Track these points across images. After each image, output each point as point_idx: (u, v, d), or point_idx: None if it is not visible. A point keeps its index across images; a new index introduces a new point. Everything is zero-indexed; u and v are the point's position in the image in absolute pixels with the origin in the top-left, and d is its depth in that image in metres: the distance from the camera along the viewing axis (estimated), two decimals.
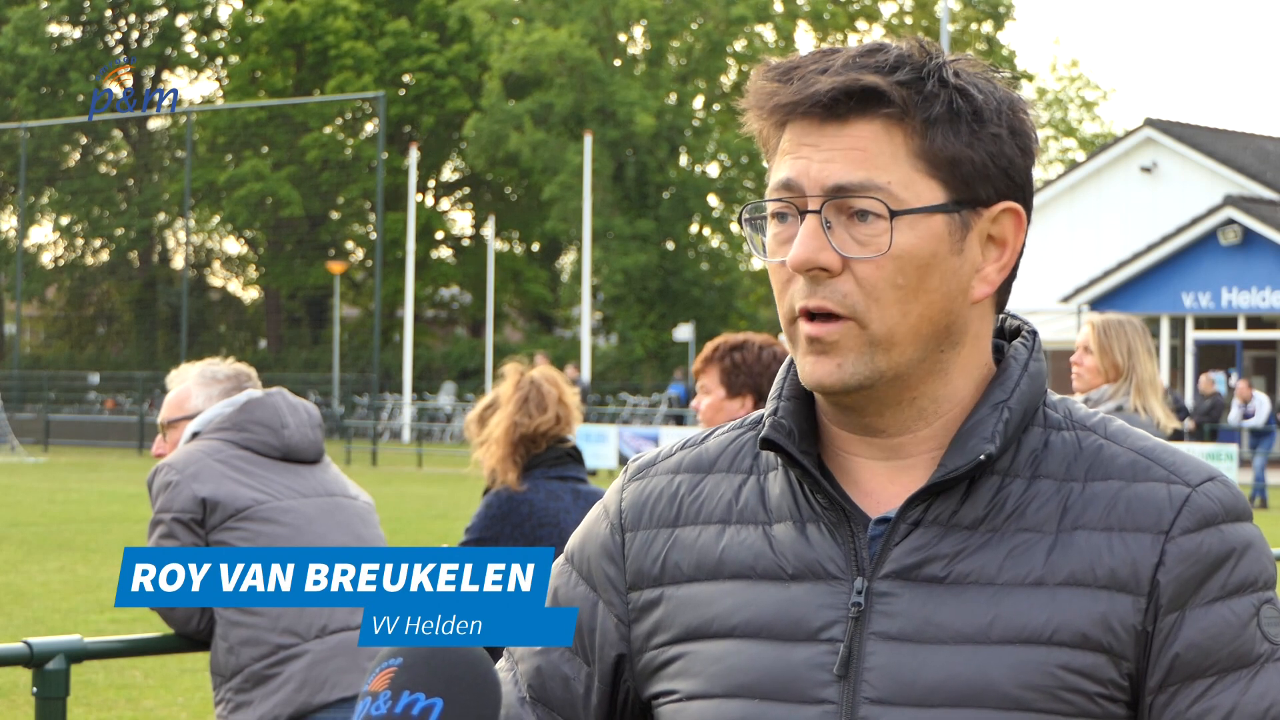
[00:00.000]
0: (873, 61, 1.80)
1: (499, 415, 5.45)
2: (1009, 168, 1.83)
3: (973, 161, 1.81)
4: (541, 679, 1.96)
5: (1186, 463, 1.84)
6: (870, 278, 1.78)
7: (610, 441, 32.87)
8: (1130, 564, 1.78)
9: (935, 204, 1.80)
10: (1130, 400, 6.24)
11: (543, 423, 5.42)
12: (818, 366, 1.81)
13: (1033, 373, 1.87)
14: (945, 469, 1.81)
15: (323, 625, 4.71)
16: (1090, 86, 67.29)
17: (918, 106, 1.79)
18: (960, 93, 1.80)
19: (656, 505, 1.95)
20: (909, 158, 1.79)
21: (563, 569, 2.00)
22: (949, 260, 1.81)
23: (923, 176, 1.80)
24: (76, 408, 52.70)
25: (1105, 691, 1.77)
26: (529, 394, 5.44)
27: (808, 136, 1.81)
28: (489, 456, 5.44)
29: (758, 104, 1.84)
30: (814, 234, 1.79)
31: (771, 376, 5.23)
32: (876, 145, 1.79)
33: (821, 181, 1.79)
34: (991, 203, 1.83)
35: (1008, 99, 1.84)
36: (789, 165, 1.82)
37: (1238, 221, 36.04)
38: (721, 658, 1.84)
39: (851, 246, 1.79)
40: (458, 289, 65.18)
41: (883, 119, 1.79)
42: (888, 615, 1.80)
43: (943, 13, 38.99)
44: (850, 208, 1.79)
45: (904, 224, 1.78)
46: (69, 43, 63.29)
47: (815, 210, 1.79)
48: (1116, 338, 6.33)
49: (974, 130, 1.80)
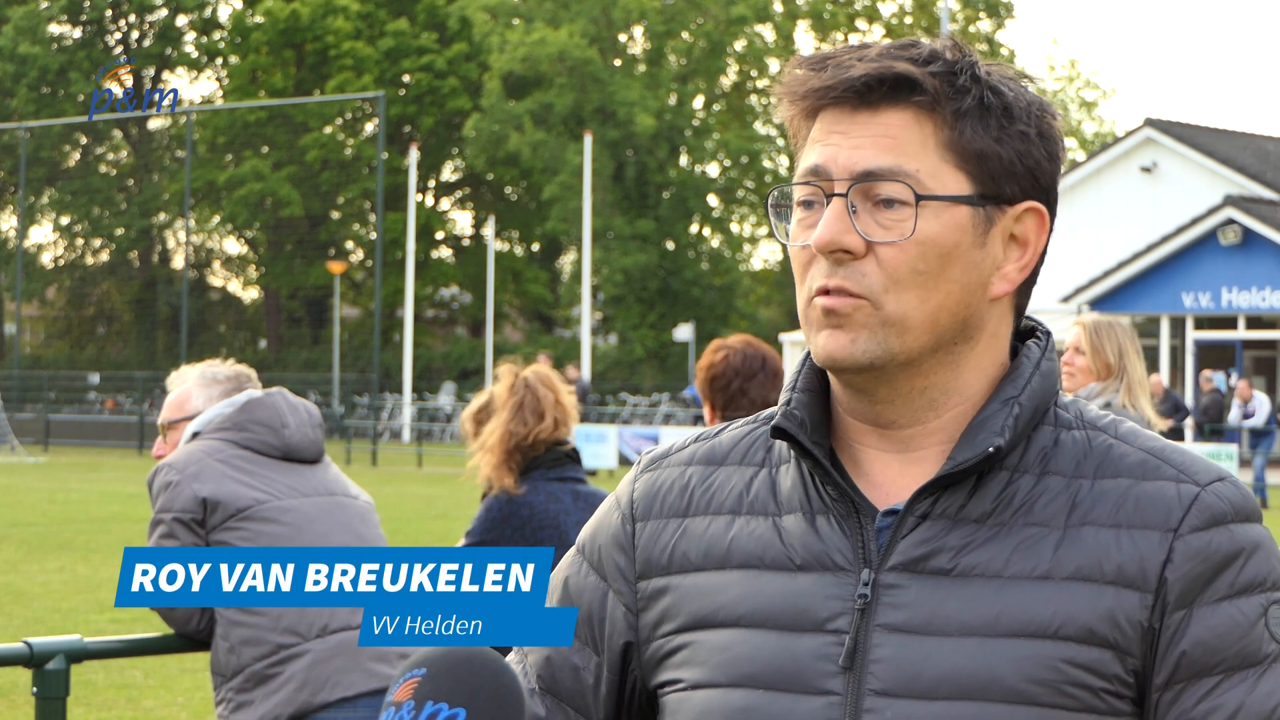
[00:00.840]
0: (907, 54, 1.83)
1: (494, 422, 5.44)
2: (1035, 169, 1.85)
3: (1000, 158, 1.83)
4: (551, 670, 1.97)
5: (1196, 463, 1.85)
6: (892, 261, 1.80)
7: (610, 441, 32.88)
8: (1138, 560, 1.79)
9: (961, 194, 1.81)
10: (1119, 398, 6.26)
11: (540, 430, 5.41)
12: (831, 340, 1.82)
13: (1044, 371, 1.88)
14: (954, 462, 1.82)
15: (324, 625, 4.71)
16: (1090, 86, 67.31)
17: (949, 98, 1.81)
18: (992, 90, 1.83)
19: (668, 496, 1.96)
20: (938, 148, 1.81)
21: (574, 559, 2.02)
22: (971, 253, 1.83)
23: (950, 168, 1.81)
24: (76, 408, 52.71)
25: (1110, 687, 1.78)
26: (524, 399, 5.43)
27: (839, 124, 1.83)
28: (484, 464, 5.43)
29: (791, 91, 1.86)
30: (839, 216, 1.81)
31: (744, 377, 5.30)
32: (907, 133, 1.81)
33: (850, 167, 1.81)
34: (1016, 201, 1.85)
35: (1038, 102, 1.86)
36: (818, 152, 1.84)
37: (1238, 221, 36.04)
38: (727, 647, 1.85)
39: (876, 230, 1.80)
40: (458, 289, 65.19)
41: (914, 108, 1.81)
42: (894, 607, 1.80)
43: (943, 12, 38.99)
44: (876, 194, 1.80)
45: (928, 211, 1.80)
46: (69, 43, 63.31)
47: (842, 194, 1.81)
48: (1108, 338, 6.37)
49: (1003, 127, 1.83)
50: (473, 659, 1.75)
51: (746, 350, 5.41)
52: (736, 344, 5.46)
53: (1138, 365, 6.41)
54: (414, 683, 1.74)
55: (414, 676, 1.75)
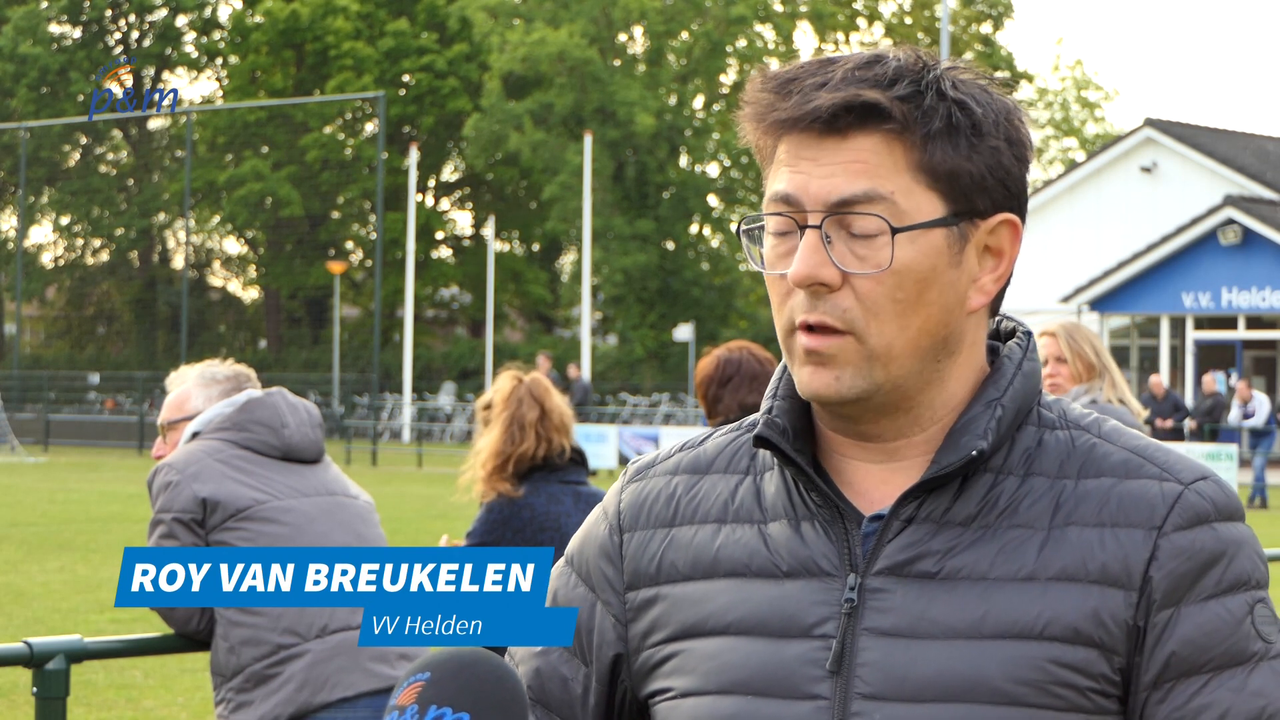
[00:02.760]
0: (871, 75, 1.80)
1: (487, 435, 5.47)
2: (1006, 178, 1.84)
3: (971, 174, 1.82)
4: (540, 680, 1.97)
5: (1179, 461, 1.86)
6: (870, 293, 1.79)
7: (610, 441, 32.87)
8: (1122, 559, 1.79)
9: (935, 218, 1.81)
10: (1104, 394, 6.29)
11: (525, 450, 5.43)
12: (815, 378, 1.82)
13: (1026, 372, 1.88)
14: (938, 465, 1.82)
15: (323, 625, 4.71)
16: (1092, 87, 67.27)
17: (918, 121, 1.79)
18: (959, 105, 1.81)
19: (654, 506, 1.96)
20: (909, 170, 1.80)
21: (562, 571, 2.02)
22: (947, 273, 1.82)
23: (923, 189, 1.80)
24: (76, 408, 52.69)
25: (1096, 686, 1.78)
26: (515, 414, 5.46)
27: (806, 150, 1.81)
28: (476, 481, 5.46)
29: (755, 116, 1.84)
30: (815, 249, 1.79)
31: (719, 383, 5.43)
32: (877, 158, 1.80)
33: (823, 197, 1.80)
34: (989, 214, 1.84)
35: (1004, 109, 1.85)
36: (787, 179, 1.82)
37: (1238, 221, 36.04)
38: (716, 655, 1.85)
39: (852, 261, 1.80)
40: (458, 289, 65.17)
41: (883, 133, 1.80)
42: (880, 611, 1.81)
43: (943, 12, 38.98)
44: (850, 226, 1.80)
45: (905, 239, 1.79)
46: (69, 43, 63.29)
47: (816, 225, 1.80)
48: (1082, 339, 6.41)
49: (973, 144, 1.81)
50: (477, 663, 1.76)
51: (728, 356, 5.53)
52: (722, 351, 5.60)
53: (1111, 360, 6.48)
54: (418, 687, 1.74)
55: (418, 680, 1.75)
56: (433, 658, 1.77)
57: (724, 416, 5.53)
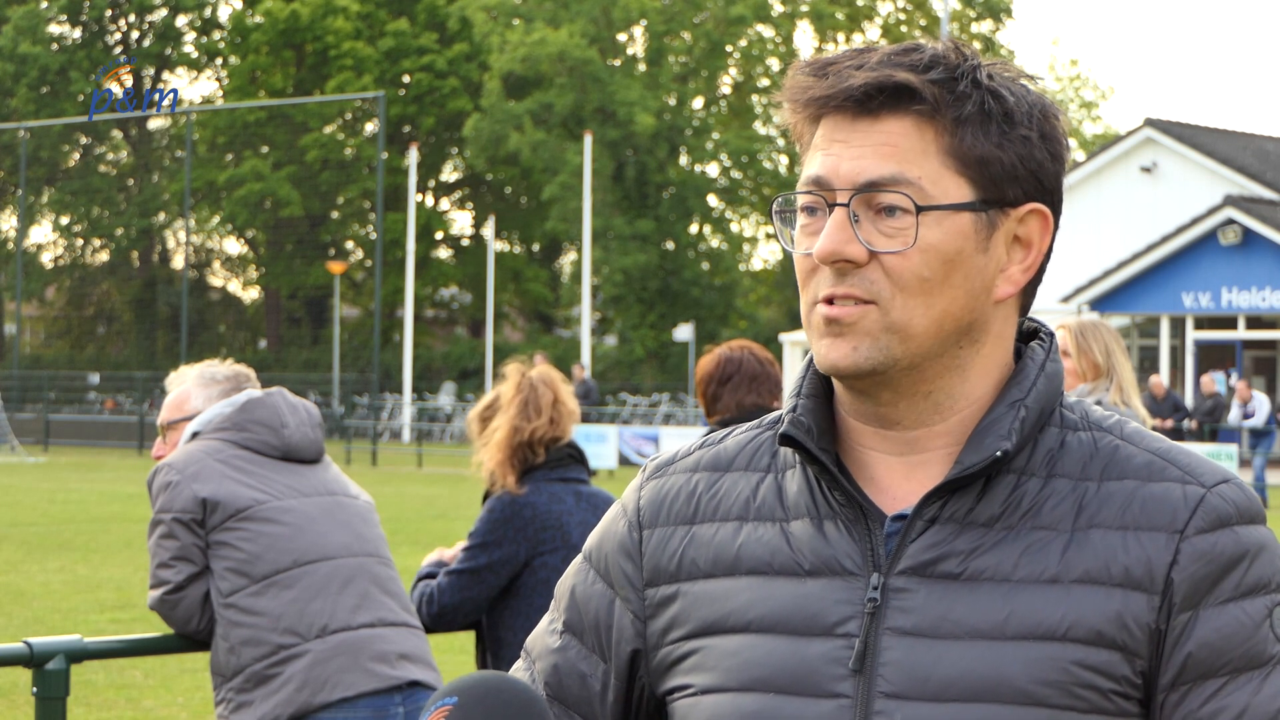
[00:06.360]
0: (907, 60, 1.83)
1: (500, 419, 5.46)
2: (1038, 170, 1.85)
3: (1002, 162, 1.83)
4: (558, 677, 1.98)
5: (1202, 464, 1.86)
6: (897, 268, 1.81)
7: (610, 441, 32.87)
8: (1145, 562, 1.80)
9: (962, 201, 1.82)
10: (1110, 396, 6.26)
11: (538, 426, 5.42)
12: (833, 349, 1.83)
13: (1049, 373, 1.88)
14: (961, 466, 1.82)
15: (324, 625, 4.71)
16: (1090, 87, 67.31)
17: (949, 105, 1.81)
18: (992, 94, 1.83)
19: (674, 503, 1.96)
20: (939, 154, 1.82)
21: (580, 567, 2.02)
22: (974, 258, 1.83)
23: (952, 174, 1.82)
24: (76, 408, 52.70)
25: (1119, 688, 1.78)
26: (529, 397, 5.45)
27: (839, 132, 1.84)
28: (489, 460, 5.45)
29: (792, 98, 1.87)
30: (841, 226, 1.81)
31: (719, 382, 5.46)
32: (907, 141, 1.81)
33: (851, 177, 1.81)
34: (1019, 204, 1.85)
35: (1039, 104, 1.86)
36: (820, 161, 1.84)
37: (1238, 221, 36.04)
38: (737, 652, 1.86)
39: (879, 239, 1.81)
40: (458, 289, 65.20)
41: (914, 116, 1.81)
42: (903, 611, 1.81)
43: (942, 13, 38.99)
44: (878, 203, 1.81)
45: (930, 219, 1.81)
46: (69, 42, 63.31)
47: (844, 204, 1.81)
48: (1093, 339, 6.36)
49: (1004, 131, 1.83)
50: (504, 689, 1.77)
51: (730, 355, 5.55)
52: (724, 349, 5.60)
53: (1125, 364, 6.41)
54: (445, 711, 1.76)
55: (446, 705, 1.76)
56: (458, 683, 1.78)
57: (722, 415, 5.53)
